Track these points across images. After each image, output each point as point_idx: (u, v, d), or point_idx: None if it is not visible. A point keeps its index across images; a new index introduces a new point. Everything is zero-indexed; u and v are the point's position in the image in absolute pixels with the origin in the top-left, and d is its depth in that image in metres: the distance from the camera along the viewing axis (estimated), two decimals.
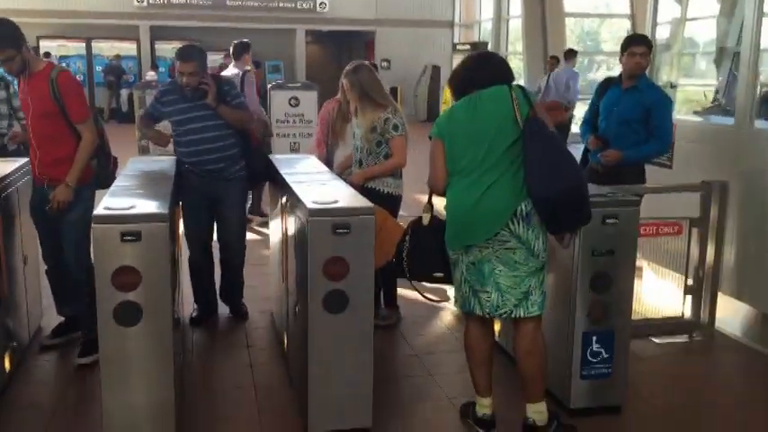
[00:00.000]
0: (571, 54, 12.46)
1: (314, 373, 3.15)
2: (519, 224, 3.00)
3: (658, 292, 4.85)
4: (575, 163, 3.11)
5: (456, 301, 3.33)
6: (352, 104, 4.44)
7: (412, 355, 4.26)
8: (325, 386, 3.16)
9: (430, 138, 3.21)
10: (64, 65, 18.49)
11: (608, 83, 4.85)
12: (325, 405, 3.19)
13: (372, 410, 3.24)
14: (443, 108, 20.37)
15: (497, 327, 3.89)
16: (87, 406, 3.49)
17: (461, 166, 3.10)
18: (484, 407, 3.27)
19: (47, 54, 18.62)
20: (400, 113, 4.33)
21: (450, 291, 3.71)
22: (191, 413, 3.44)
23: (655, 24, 6.38)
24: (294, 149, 9.03)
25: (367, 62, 4.67)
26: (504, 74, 3.20)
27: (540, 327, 3.16)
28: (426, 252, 3.30)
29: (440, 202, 3.30)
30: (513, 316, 3.10)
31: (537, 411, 3.16)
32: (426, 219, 3.32)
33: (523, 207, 3.00)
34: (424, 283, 3.48)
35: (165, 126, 4.67)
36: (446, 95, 20.34)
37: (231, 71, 7.68)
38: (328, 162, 4.82)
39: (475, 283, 3.11)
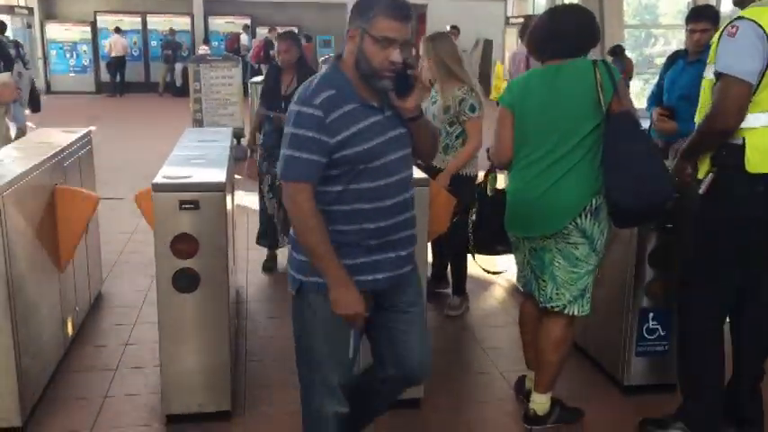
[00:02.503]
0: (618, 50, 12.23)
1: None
2: (587, 219, 2.81)
3: None
4: (666, 172, 2.80)
5: (518, 280, 3.22)
6: (425, 76, 4.09)
7: (463, 328, 4.26)
8: None
9: (498, 103, 3.02)
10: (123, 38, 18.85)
11: (675, 56, 4.68)
12: None
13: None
14: (495, 83, 20.16)
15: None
16: (146, 369, 3.60)
17: (529, 148, 2.86)
18: (532, 380, 3.23)
19: (117, 29, 19.01)
20: (477, 92, 4.04)
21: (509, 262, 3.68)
22: (245, 378, 3.51)
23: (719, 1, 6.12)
24: None
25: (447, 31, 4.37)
26: (591, 38, 2.88)
27: (573, 322, 3.05)
28: (489, 226, 3.18)
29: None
30: (566, 312, 2.95)
31: (540, 402, 3.10)
32: (491, 190, 3.20)
33: (594, 201, 2.80)
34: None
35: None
36: (498, 70, 20.10)
37: None
38: None
39: (536, 268, 3.00)
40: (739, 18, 2.65)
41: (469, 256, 3.36)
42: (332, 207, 2.18)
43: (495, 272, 3.76)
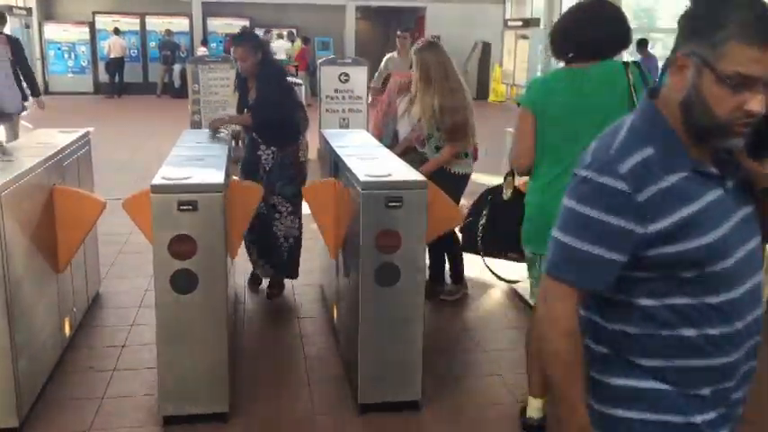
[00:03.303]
0: (643, 44, 12.08)
1: (365, 345, 3.17)
2: None
3: None
4: None
5: (533, 295, 3.00)
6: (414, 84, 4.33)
7: (464, 330, 4.26)
8: (376, 359, 3.18)
9: (518, 104, 2.82)
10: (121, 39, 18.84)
11: None
12: (375, 377, 3.21)
13: (421, 383, 3.25)
14: (493, 86, 20.19)
15: None
16: (144, 370, 3.59)
17: (554, 159, 2.64)
18: (534, 408, 3.05)
19: (116, 30, 19.04)
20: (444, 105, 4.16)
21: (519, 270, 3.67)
22: (242, 380, 3.50)
23: None
24: (344, 125, 9.06)
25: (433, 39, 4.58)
26: (622, 39, 2.64)
27: None
28: (503, 229, 3.05)
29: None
30: None
31: (538, 408, 3.03)
32: (507, 194, 3.07)
33: None
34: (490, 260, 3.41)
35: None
36: (497, 73, 20.14)
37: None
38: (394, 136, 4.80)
39: None
40: None
41: (483, 259, 3.27)
42: (634, 329, 1.43)
43: (509, 280, 3.68)
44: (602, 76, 2.60)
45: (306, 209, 4.12)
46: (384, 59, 7.56)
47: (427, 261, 4.52)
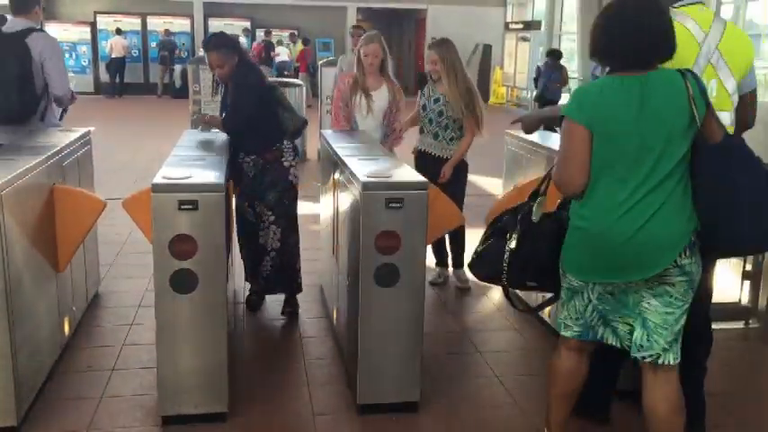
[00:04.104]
0: None
1: (364, 346, 3.17)
2: (686, 255, 2.39)
3: (715, 277, 4.73)
4: None
5: (567, 327, 2.65)
6: (442, 77, 4.66)
7: (460, 332, 4.26)
8: (375, 359, 3.18)
9: (562, 117, 2.47)
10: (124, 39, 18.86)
11: None
12: (374, 378, 3.21)
13: (420, 385, 3.25)
14: (494, 88, 20.20)
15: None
16: (143, 369, 3.59)
17: (615, 176, 2.38)
18: None
19: (118, 30, 19.07)
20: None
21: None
22: (241, 380, 3.50)
23: (719, 4, 6.18)
24: None
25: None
26: (670, 41, 2.40)
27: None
28: (532, 257, 2.69)
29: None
30: (659, 362, 2.47)
31: None
32: (537, 215, 2.73)
33: (693, 236, 2.41)
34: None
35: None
36: (497, 75, 20.16)
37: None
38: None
39: (610, 312, 2.53)
40: None
41: (506, 291, 2.92)
42: None
43: (533, 308, 3.35)
44: (665, 87, 2.35)
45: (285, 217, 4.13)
46: (339, 60, 7.52)
47: (430, 258, 4.56)
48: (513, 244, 2.70)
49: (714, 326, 4.44)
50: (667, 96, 2.34)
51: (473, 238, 2.89)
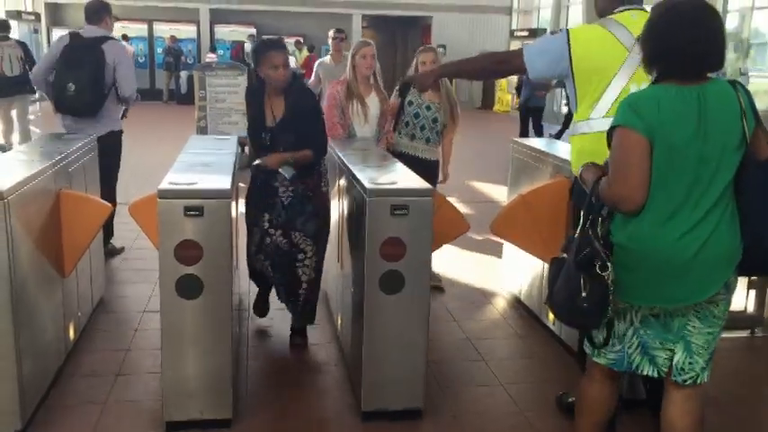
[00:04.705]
0: None
1: (368, 352, 3.17)
2: (734, 272, 2.36)
3: None
4: None
5: (600, 354, 2.49)
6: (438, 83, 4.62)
7: (465, 339, 4.25)
8: (379, 366, 3.18)
9: (615, 127, 2.29)
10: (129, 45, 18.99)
11: None
12: (378, 385, 3.21)
13: (424, 392, 3.25)
14: (498, 96, 20.22)
15: None
16: (148, 375, 3.59)
17: (674, 191, 2.24)
18: None
19: (125, 36, 19.17)
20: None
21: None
22: (246, 386, 3.50)
23: (725, 12, 6.18)
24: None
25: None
26: (723, 50, 2.30)
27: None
28: (596, 292, 2.32)
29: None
30: (698, 382, 2.42)
31: None
32: (598, 238, 2.38)
33: (740, 252, 2.35)
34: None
35: None
36: (502, 83, 20.16)
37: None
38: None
39: (652, 339, 2.41)
40: None
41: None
42: None
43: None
44: (720, 99, 2.25)
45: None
46: (316, 65, 7.35)
47: (434, 267, 4.56)
48: (612, 274, 2.27)
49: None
50: (723, 109, 2.25)
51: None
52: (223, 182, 3.15)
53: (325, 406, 3.40)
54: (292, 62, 17.82)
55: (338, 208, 3.92)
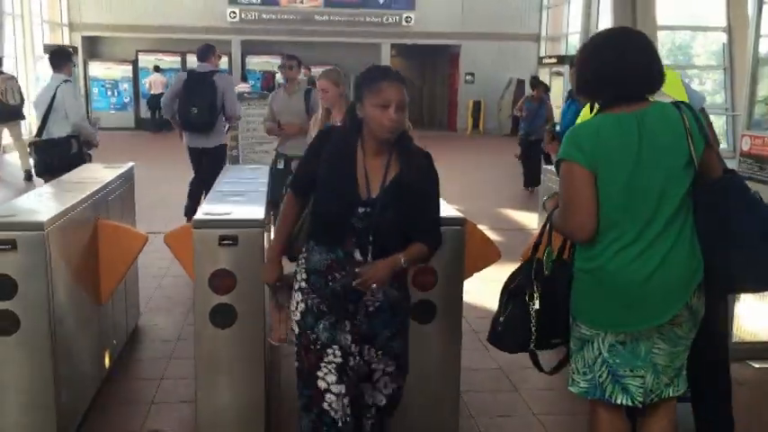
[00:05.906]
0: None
1: None
2: (695, 296, 2.35)
3: (757, 314, 4.63)
4: None
5: (573, 383, 2.50)
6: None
7: (497, 369, 4.21)
8: (412, 396, 3.14)
9: (560, 161, 2.35)
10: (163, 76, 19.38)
11: (570, 95, 5.34)
12: (411, 415, 3.16)
13: (458, 422, 3.22)
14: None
15: None
16: (181, 404, 3.61)
17: (622, 219, 2.27)
18: None
19: (156, 68, 19.60)
20: None
21: None
22: (278, 415, 3.50)
23: (758, 37, 6.14)
24: None
25: None
26: (662, 73, 2.35)
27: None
28: (555, 313, 2.46)
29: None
30: (662, 396, 2.44)
31: None
32: (548, 268, 2.49)
33: (701, 273, 2.35)
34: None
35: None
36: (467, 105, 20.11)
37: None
38: None
39: (620, 366, 2.37)
40: None
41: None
42: None
43: (555, 369, 2.79)
44: (660, 119, 2.27)
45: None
46: (269, 97, 6.74)
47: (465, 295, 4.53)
48: (537, 304, 2.44)
49: (758, 364, 4.35)
50: (665, 132, 2.27)
51: (508, 273, 2.73)
52: (257, 212, 3.20)
53: None
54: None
55: None
